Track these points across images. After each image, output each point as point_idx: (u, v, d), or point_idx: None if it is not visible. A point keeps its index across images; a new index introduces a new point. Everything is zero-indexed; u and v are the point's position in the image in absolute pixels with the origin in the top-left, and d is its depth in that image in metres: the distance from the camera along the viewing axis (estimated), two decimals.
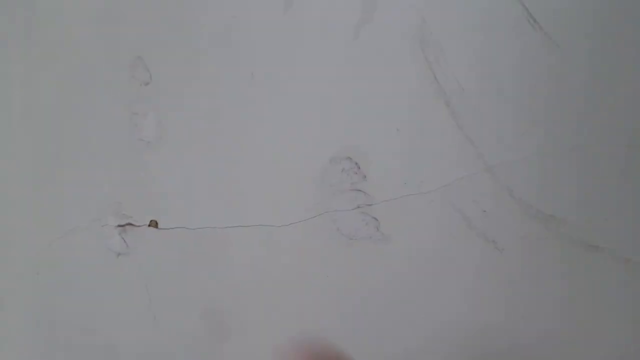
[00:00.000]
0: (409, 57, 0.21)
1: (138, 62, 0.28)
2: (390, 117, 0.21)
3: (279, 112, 0.24)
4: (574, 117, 0.18)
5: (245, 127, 0.25)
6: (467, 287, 0.21)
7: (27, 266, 0.32)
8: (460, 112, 0.20)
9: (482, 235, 0.20)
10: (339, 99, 0.22)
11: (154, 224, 0.28)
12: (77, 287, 0.30)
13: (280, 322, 0.25)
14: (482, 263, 0.20)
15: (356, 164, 0.22)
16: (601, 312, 0.19)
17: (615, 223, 0.18)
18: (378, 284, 0.22)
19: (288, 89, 0.23)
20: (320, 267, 0.23)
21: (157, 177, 0.28)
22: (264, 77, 0.24)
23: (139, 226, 0.29)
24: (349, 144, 0.22)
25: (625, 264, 0.18)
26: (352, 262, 0.23)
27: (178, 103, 0.27)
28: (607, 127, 0.18)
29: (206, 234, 0.27)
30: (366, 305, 0.23)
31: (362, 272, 0.22)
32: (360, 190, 0.22)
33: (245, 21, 0.24)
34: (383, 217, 0.22)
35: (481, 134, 0.20)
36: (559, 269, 0.19)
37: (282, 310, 0.25)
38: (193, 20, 0.26)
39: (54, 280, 0.31)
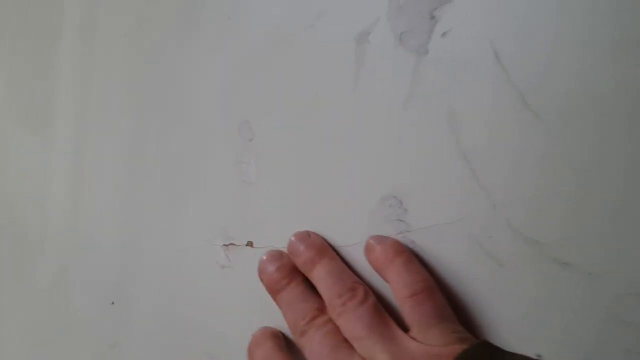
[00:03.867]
0: (439, 132, 0.29)
1: (245, 124, 0.38)
2: (422, 167, 0.30)
3: (348, 168, 0.32)
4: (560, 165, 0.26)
5: (325, 176, 0.33)
6: (475, 297, 0.28)
7: (156, 272, 0.43)
8: (476, 169, 0.28)
9: (488, 254, 0.27)
10: (388, 158, 0.31)
11: (250, 244, 0.38)
12: (192, 289, 0.40)
13: None
14: (487, 275, 0.28)
15: (400, 201, 0.30)
16: (568, 320, 0.26)
17: (586, 243, 0.25)
18: None
19: (354, 149, 0.32)
20: (371, 276, 0.32)
21: (254, 209, 0.37)
22: (338, 140, 0.33)
23: (239, 245, 0.38)
24: (395, 188, 0.30)
25: (587, 277, 0.25)
26: None
27: (275, 155, 0.36)
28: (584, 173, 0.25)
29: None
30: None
31: None
32: (402, 221, 0.30)
33: (325, 98, 0.34)
34: (419, 241, 0.30)
35: (489, 183, 0.28)
36: (539, 280, 0.26)
37: None
38: (287, 95, 0.36)
39: (175, 283, 0.41)
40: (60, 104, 0.51)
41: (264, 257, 0.34)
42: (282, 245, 0.36)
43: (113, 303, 0.46)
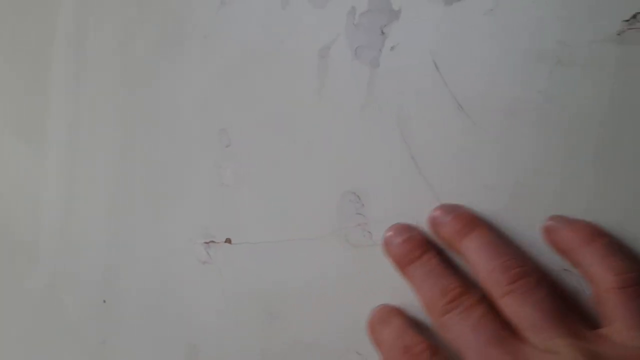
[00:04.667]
0: (390, 135, 0.33)
1: (223, 132, 0.42)
2: (376, 166, 0.33)
3: (312, 168, 0.36)
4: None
5: (292, 176, 0.37)
6: None
7: (143, 271, 0.46)
8: (422, 168, 0.32)
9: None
10: (347, 158, 0.35)
11: (228, 240, 0.41)
12: (175, 284, 0.44)
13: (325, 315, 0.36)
14: None
15: (358, 196, 0.34)
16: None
17: (519, 233, 0.29)
18: (375, 277, 0.33)
19: (318, 151, 0.36)
20: (342, 263, 0.35)
21: (232, 209, 0.41)
22: (304, 143, 0.37)
23: (218, 242, 0.42)
24: (354, 185, 0.34)
25: None
26: (356, 262, 0.34)
27: (249, 159, 0.40)
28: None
29: (264, 246, 0.39)
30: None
31: (360, 267, 0.34)
32: (360, 214, 0.34)
33: (293, 106, 0.38)
34: (374, 231, 0.33)
35: (433, 179, 0.32)
36: None
37: (328, 305, 0.36)
38: (259, 105, 0.39)
39: (160, 279, 0.45)
40: (52, 113, 0.55)
41: (389, 232, 0.30)
42: (258, 240, 0.39)
43: (104, 301, 0.50)
